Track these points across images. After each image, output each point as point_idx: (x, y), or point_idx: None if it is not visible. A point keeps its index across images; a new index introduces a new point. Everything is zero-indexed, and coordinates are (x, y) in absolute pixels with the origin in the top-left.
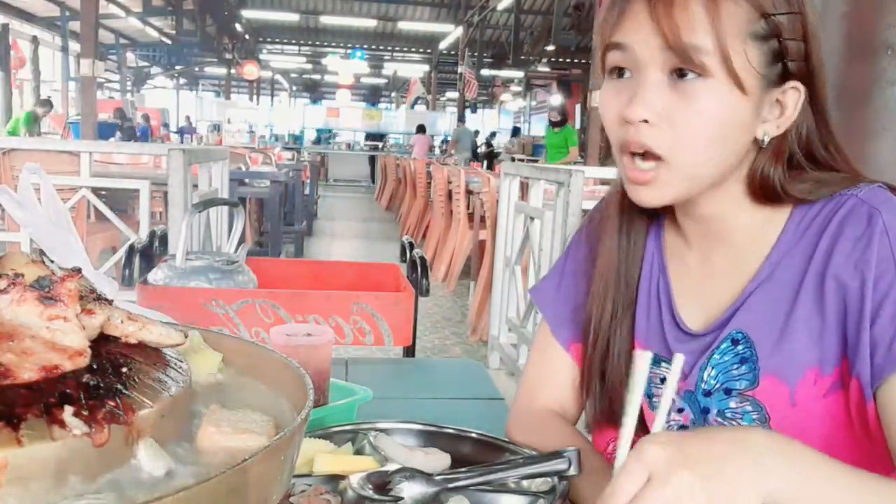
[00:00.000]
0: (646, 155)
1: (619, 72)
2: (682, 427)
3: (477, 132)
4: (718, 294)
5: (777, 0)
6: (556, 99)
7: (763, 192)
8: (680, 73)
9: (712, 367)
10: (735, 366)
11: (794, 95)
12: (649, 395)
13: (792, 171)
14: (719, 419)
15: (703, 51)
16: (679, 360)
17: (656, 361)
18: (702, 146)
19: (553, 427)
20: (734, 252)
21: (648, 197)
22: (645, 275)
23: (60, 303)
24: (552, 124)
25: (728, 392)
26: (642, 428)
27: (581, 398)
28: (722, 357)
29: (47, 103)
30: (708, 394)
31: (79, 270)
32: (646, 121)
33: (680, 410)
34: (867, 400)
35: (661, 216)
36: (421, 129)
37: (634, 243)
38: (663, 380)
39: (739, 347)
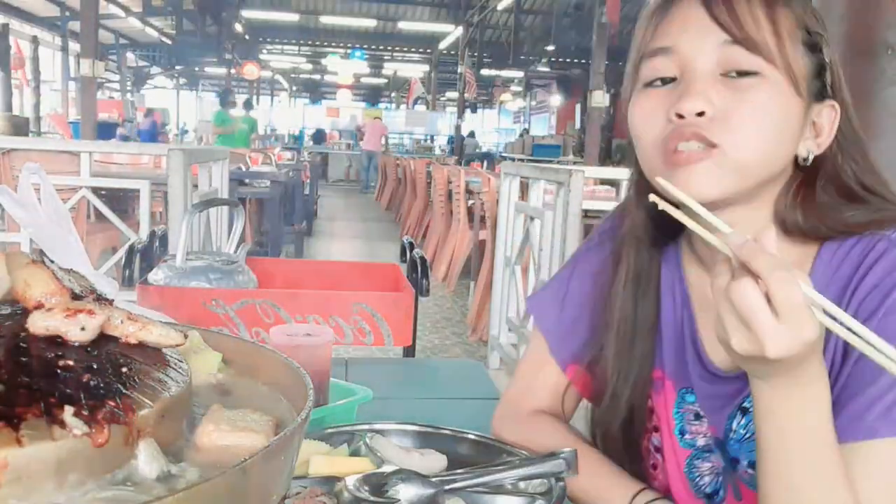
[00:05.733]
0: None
1: (663, 81)
2: (717, 475)
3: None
4: None
5: (814, 20)
6: (557, 99)
7: (786, 224)
8: (736, 73)
9: (742, 416)
10: None
11: (830, 114)
12: (681, 433)
13: (820, 204)
14: (750, 471)
15: (764, 46)
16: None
17: (687, 397)
18: (754, 137)
19: (544, 423)
20: None
21: (703, 177)
22: (667, 305)
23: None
24: None
25: None
26: (663, 468)
27: (571, 411)
28: (752, 405)
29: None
30: (738, 443)
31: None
32: (701, 113)
33: (710, 451)
34: None
35: (676, 245)
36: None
37: (647, 282)
38: (696, 416)
39: None
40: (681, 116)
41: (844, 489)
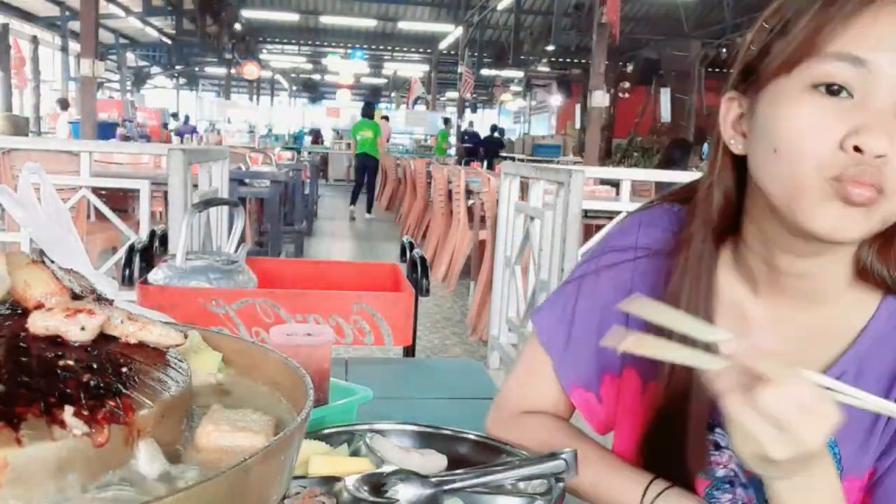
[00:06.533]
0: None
1: (830, 89)
2: None
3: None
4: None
5: None
6: (557, 99)
7: (859, 267)
8: None
9: None
10: None
11: None
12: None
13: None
14: None
15: None
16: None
17: (710, 428)
18: None
19: (541, 420)
20: (814, 324)
21: (854, 222)
22: None
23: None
24: None
25: None
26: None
27: (568, 414)
28: None
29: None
30: None
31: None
32: (881, 156)
33: (730, 483)
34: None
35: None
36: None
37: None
38: (716, 447)
39: None
40: (858, 150)
41: None
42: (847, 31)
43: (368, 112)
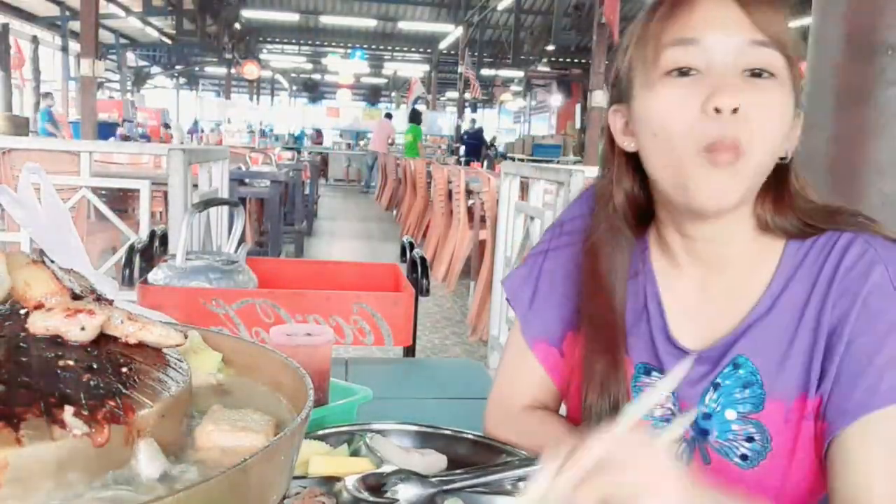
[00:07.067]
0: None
1: (681, 72)
2: (682, 441)
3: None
4: (716, 319)
5: (794, 42)
6: (557, 99)
7: (759, 221)
8: (752, 73)
9: (714, 391)
10: (738, 390)
11: (798, 120)
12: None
13: (792, 202)
14: (720, 440)
15: (787, 49)
16: (687, 362)
17: (646, 371)
18: (770, 139)
19: (537, 418)
20: (731, 280)
21: (728, 183)
22: (630, 291)
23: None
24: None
25: (730, 415)
26: None
27: (558, 397)
28: (724, 380)
29: None
30: (707, 417)
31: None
32: (735, 110)
33: (666, 420)
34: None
35: (644, 238)
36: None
37: (621, 263)
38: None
39: (741, 372)
40: (717, 111)
41: None
42: (675, 23)
43: (415, 118)
